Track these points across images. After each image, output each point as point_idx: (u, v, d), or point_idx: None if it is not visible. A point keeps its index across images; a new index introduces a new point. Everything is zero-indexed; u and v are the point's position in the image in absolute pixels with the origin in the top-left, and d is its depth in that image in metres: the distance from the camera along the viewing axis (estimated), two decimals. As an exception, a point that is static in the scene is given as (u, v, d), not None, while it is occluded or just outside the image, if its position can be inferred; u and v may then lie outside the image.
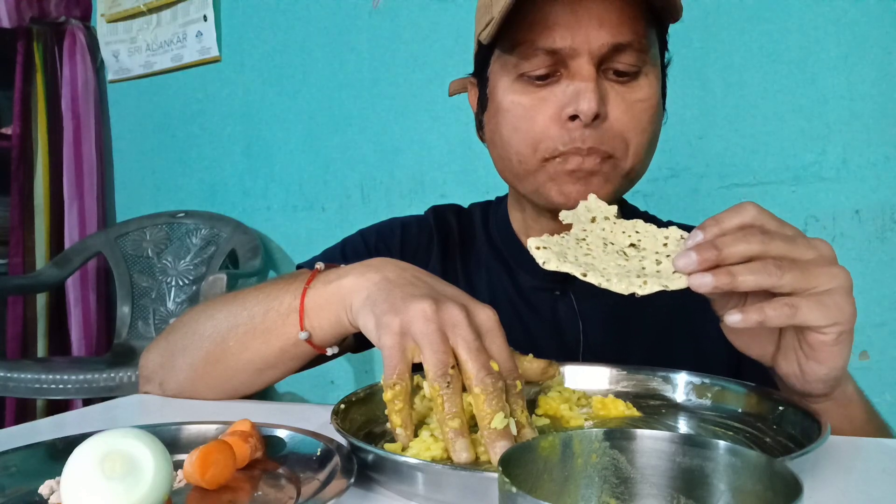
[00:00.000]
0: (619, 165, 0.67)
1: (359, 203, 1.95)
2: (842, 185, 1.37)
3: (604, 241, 0.51)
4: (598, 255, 0.50)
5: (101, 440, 0.37)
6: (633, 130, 0.66)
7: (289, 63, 2.04)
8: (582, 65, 0.64)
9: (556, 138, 0.66)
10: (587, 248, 0.50)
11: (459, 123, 1.72)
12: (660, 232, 0.52)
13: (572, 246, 0.50)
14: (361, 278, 0.56)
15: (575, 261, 0.48)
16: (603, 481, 0.32)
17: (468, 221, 0.87)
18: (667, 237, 0.51)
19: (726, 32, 1.44)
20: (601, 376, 0.64)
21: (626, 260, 0.49)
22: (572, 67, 0.64)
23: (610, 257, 0.50)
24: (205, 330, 0.67)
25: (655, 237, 0.51)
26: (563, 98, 0.65)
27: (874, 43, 1.33)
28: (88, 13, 2.41)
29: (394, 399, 0.47)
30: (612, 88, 0.66)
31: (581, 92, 0.63)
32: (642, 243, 0.51)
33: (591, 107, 0.63)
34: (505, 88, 0.69)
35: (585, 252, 0.50)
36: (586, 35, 0.63)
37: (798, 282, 0.47)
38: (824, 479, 0.43)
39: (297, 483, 0.43)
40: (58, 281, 2.15)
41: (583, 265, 0.48)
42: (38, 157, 2.26)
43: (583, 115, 0.63)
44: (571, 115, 0.64)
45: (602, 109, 0.64)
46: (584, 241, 0.51)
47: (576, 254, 0.49)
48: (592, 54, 0.63)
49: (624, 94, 0.66)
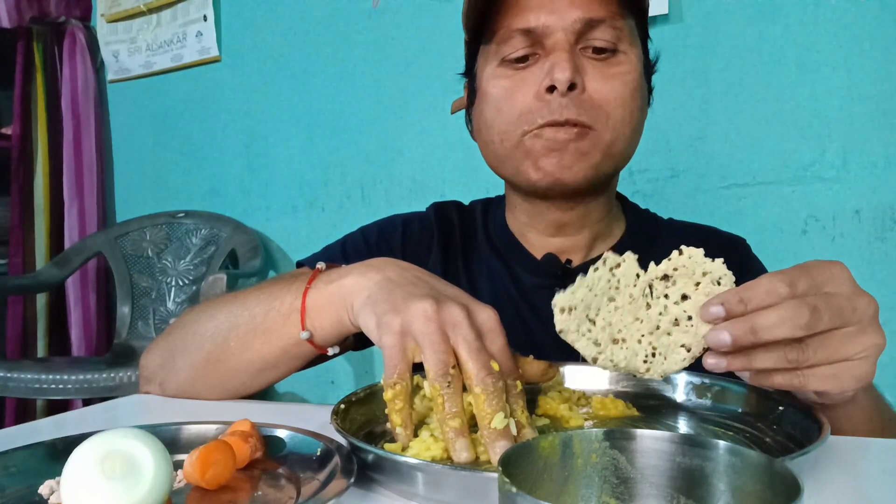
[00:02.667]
0: (600, 139, 0.68)
1: (359, 203, 1.95)
2: (842, 186, 1.37)
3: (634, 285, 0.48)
4: (623, 309, 0.48)
5: (101, 440, 0.37)
6: (613, 102, 0.68)
7: (289, 63, 2.04)
8: (557, 40, 0.67)
9: (536, 112, 0.68)
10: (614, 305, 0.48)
11: (459, 123, 1.71)
12: (701, 265, 0.47)
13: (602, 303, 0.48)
14: (363, 278, 0.56)
15: (592, 328, 0.47)
16: (603, 481, 0.32)
17: (470, 218, 0.87)
18: (704, 273, 0.47)
19: (726, 32, 1.44)
20: (601, 376, 0.64)
21: (647, 309, 0.48)
22: (548, 45, 0.68)
23: (632, 309, 0.48)
24: (205, 330, 0.67)
25: (693, 273, 0.47)
26: (541, 74, 0.67)
27: (874, 43, 1.33)
28: (88, 13, 2.41)
29: (394, 398, 0.47)
30: (589, 64, 0.68)
31: (556, 63, 0.66)
32: (677, 274, 0.47)
33: (565, 75, 0.65)
34: (488, 76, 0.72)
35: (609, 308, 0.48)
36: (559, 13, 0.66)
37: (818, 359, 0.44)
38: (824, 479, 0.43)
39: (297, 483, 0.43)
40: (58, 281, 2.15)
41: (597, 339, 0.47)
42: (38, 157, 2.26)
43: (558, 84, 0.65)
44: (548, 86, 0.66)
45: (578, 79, 0.66)
46: (616, 289, 0.48)
47: (599, 310, 0.48)
48: (566, 30, 0.67)
49: (601, 68, 0.68)
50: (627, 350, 0.48)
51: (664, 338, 0.48)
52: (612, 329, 0.48)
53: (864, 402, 0.55)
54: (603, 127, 0.67)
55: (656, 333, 0.48)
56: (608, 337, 0.48)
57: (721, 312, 0.44)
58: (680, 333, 0.47)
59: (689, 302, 0.47)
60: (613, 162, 0.71)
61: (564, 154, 0.67)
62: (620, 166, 0.73)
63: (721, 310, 0.44)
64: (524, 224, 0.79)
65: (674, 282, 0.48)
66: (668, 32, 1.47)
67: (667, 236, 0.81)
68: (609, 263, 0.48)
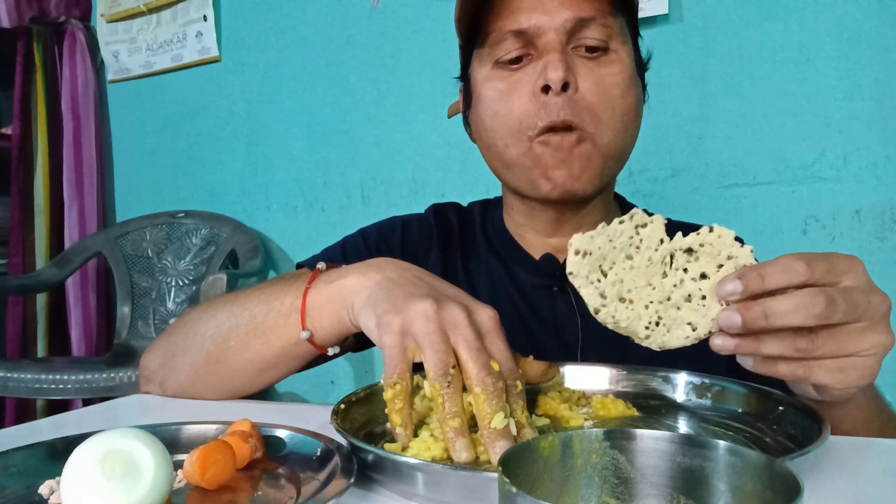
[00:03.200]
0: (596, 142, 0.68)
1: (359, 203, 1.95)
2: (842, 185, 1.37)
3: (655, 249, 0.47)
4: (638, 270, 0.47)
5: (101, 440, 0.37)
6: (605, 104, 0.68)
7: (289, 63, 2.04)
8: (549, 40, 0.67)
9: (534, 114, 0.68)
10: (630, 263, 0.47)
11: (459, 124, 1.71)
12: (728, 247, 0.46)
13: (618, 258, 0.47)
14: (363, 278, 0.56)
15: (602, 279, 0.47)
16: (603, 481, 0.32)
17: (468, 219, 0.87)
18: (730, 257, 0.46)
19: (726, 32, 1.44)
20: (601, 376, 0.64)
21: (663, 277, 0.47)
22: (540, 46, 0.68)
23: (647, 273, 0.47)
24: (206, 330, 0.67)
25: (718, 253, 0.46)
26: (535, 75, 0.68)
27: (874, 43, 1.33)
28: (88, 13, 2.41)
29: (394, 398, 0.47)
30: (581, 63, 0.68)
31: (549, 63, 0.66)
32: (702, 251, 0.46)
33: (558, 74, 0.65)
34: (482, 78, 0.72)
35: (624, 265, 0.47)
36: (550, 13, 0.67)
37: (826, 350, 0.44)
38: (824, 479, 0.43)
39: (297, 483, 0.43)
40: (58, 281, 2.15)
41: (604, 292, 0.47)
42: (38, 157, 2.26)
43: (552, 83, 0.66)
44: (542, 86, 0.67)
45: (571, 78, 0.66)
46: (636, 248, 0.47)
47: (613, 264, 0.47)
48: (558, 30, 0.67)
49: (593, 68, 0.68)
50: (632, 312, 0.47)
51: (672, 310, 0.47)
52: (622, 287, 0.47)
53: (863, 402, 0.55)
54: (598, 127, 0.68)
55: (665, 304, 0.47)
56: (616, 293, 0.47)
57: (738, 289, 0.43)
58: (689, 310, 0.46)
59: (706, 281, 0.46)
60: (615, 163, 0.72)
61: (572, 163, 0.68)
62: (622, 166, 0.74)
63: (738, 286, 0.43)
64: (522, 224, 0.79)
65: (697, 257, 0.46)
66: (668, 32, 1.47)
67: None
68: (636, 221, 0.47)
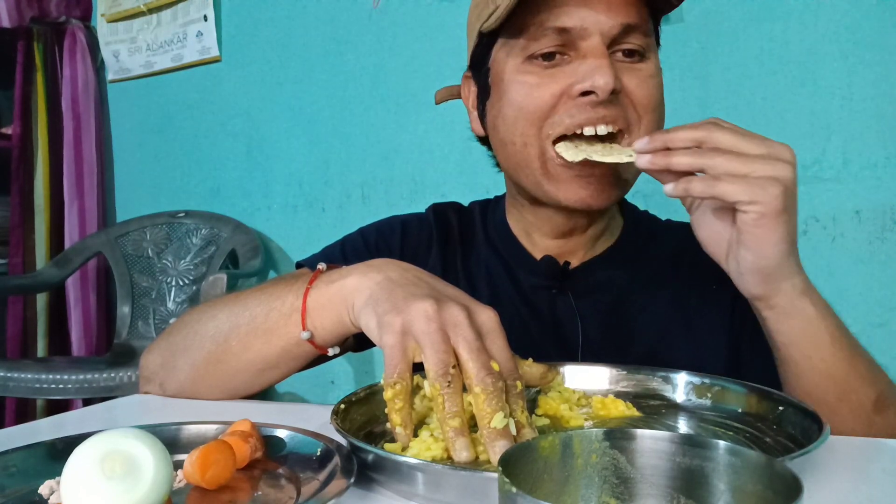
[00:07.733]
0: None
1: (359, 203, 1.95)
2: (842, 186, 1.36)
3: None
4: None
5: (101, 440, 0.37)
6: (647, 106, 0.67)
7: (289, 63, 2.04)
8: (594, 44, 0.65)
9: (564, 113, 0.66)
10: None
11: (459, 123, 1.70)
12: None
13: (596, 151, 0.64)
14: (364, 278, 0.56)
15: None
16: (603, 481, 0.32)
17: (468, 219, 0.87)
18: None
19: (726, 32, 1.44)
20: (601, 376, 0.64)
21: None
22: (583, 48, 0.65)
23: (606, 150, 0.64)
24: (206, 330, 0.67)
25: None
26: (574, 76, 0.65)
27: (874, 43, 1.33)
28: (88, 13, 2.41)
29: (394, 398, 0.47)
30: (622, 66, 0.67)
31: (597, 68, 0.64)
32: None
33: (608, 81, 0.63)
34: (512, 70, 0.69)
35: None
36: (596, 16, 0.65)
37: (729, 166, 0.53)
38: (824, 479, 0.43)
39: (297, 483, 0.43)
40: (58, 281, 2.15)
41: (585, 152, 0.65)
42: (38, 157, 2.26)
43: (600, 91, 0.63)
44: (584, 90, 0.64)
45: (619, 85, 0.65)
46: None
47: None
48: (604, 34, 0.65)
49: (634, 73, 0.67)
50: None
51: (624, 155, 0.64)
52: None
53: (813, 314, 0.58)
54: (635, 129, 0.67)
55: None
56: None
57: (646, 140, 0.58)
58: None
59: None
60: (638, 171, 0.70)
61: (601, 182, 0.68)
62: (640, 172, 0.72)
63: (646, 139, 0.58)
64: (530, 224, 0.79)
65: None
66: (668, 32, 1.46)
67: (664, 236, 0.81)
68: None
